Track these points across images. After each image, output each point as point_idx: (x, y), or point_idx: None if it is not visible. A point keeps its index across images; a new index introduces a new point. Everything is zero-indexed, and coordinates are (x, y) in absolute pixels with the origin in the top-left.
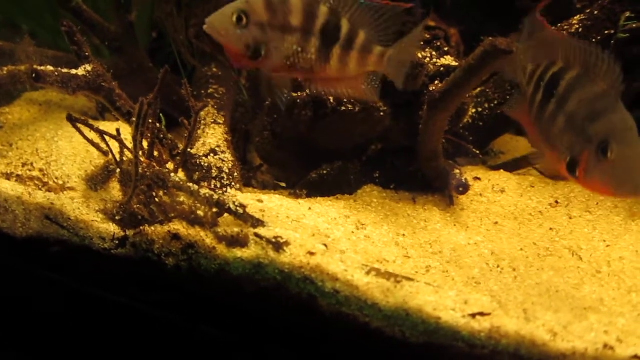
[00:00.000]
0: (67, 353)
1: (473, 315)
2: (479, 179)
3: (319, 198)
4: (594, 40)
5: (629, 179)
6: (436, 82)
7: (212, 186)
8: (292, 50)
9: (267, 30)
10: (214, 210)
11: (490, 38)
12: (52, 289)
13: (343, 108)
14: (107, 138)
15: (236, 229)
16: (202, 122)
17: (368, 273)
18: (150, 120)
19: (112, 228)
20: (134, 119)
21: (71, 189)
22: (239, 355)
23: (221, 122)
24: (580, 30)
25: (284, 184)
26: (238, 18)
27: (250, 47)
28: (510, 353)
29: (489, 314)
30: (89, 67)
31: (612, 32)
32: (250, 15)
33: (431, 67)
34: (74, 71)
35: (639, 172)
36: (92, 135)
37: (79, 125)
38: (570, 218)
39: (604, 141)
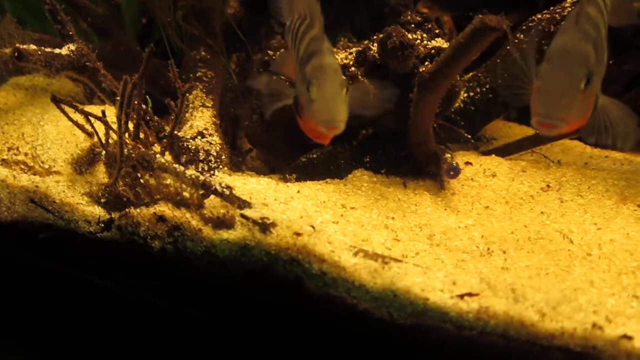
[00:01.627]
0: (52, 337)
1: (461, 296)
2: (470, 163)
3: (308, 182)
4: None
5: (323, 113)
6: (426, 63)
7: (200, 169)
8: None
9: None
10: (200, 191)
11: (480, 15)
12: (38, 273)
13: None
14: (93, 121)
15: (222, 211)
16: (190, 105)
17: (356, 254)
18: (135, 102)
19: (98, 211)
20: (118, 99)
21: (57, 172)
22: (226, 338)
23: (209, 105)
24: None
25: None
26: None
27: None
28: (498, 334)
29: (477, 295)
30: (72, 47)
31: None
32: None
33: (422, 49)
34: (57, 50)
35: (329, 108)
36: (78, 118)
37: (64, 107)
38: (562, 202)
39: (308, 81)
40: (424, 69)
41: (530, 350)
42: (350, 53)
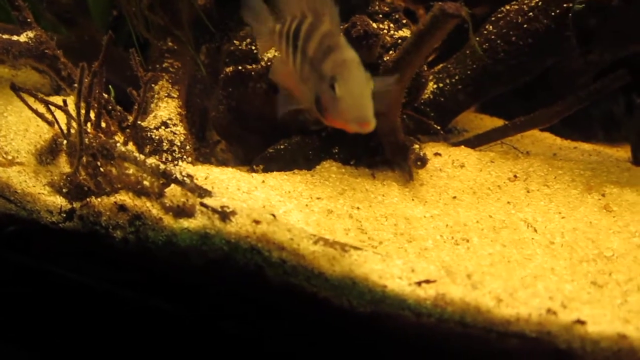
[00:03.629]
0: (16, 331)
1: (419, 283)
2: (439, 154)
3: (274, 172)
4: (552, 14)
5: (352, 111)
6: (390, 52)
7: (163, 159)
8: None
9: None
10: (161, 180)
11: (440, 3)
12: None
13: None
14: (56, 111)
15: (183, 199)
16: (156, 96)
17: (316, 242)
18: (97, 91)
19: (59, 201)
20: (76, 85)
21: (20, 163)
22: (190, 328)
23: (175, 96)
24: (540, 3)
25: None
26: None
27: None
28: (456, 321)
29: (434, 281)
30: (31, 34)
31: (571, 4)
32: None
33: (388, 39)
34: (15, 37)
35: (358, 104)
36: (43, 110)
37: (25, 96)
38: (528, 192)
39: (332, 78)
40: (388, 58)
41: (487, 337)
42: None
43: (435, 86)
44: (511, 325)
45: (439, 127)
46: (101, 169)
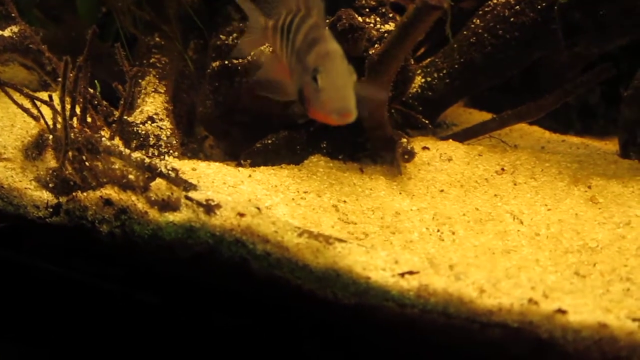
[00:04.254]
0: (4, 327)
1: (402, 274)
2: (427, 148)
3: (261, 167)
4: (539, 7)
5: (334, 102)
6: (376, 45)
7: (150, 154)
8: None
9: None
10: (146, 174)
11: None
12: None
13: None
14: (42, 107)
15: (168, 193)
16: (143, 91)
17: (300, 235)
18: (82, 85)
19: (46, 195)
20: (60, 79)
21: (7, 159)
22: (176, 321)
23: (162, 91)
24: None
25: None
26: None
27: None
28: (439, 311)
29: (417, 273)
30: (15, 29)
31: None
32: None
33: (374, 32)
34: None
35: (340, 95)
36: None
37: (10, 91)
38: (515, 184)
39: (314, 70)
40: (373, 51)
41: (471, 327)
42: None
43: (423, 80)
44: (494, 316)
45: (427, 122)
46: (87, 164)
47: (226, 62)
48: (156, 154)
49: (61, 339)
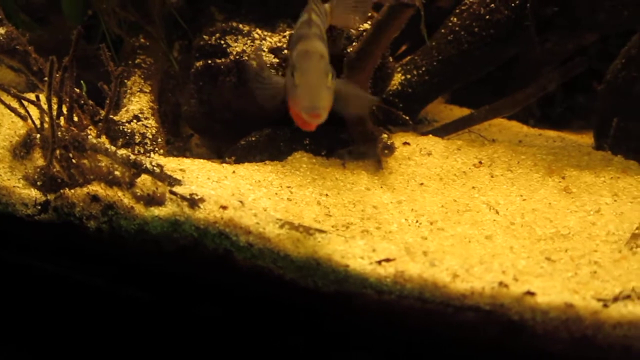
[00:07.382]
0: None
1: (379, 262)
2: (408, 143)
3: (245, 163)
4: (513, 5)
5: (304, 99)
6: (354, 44)
7: (136, 152)
8: None
9: None
10: (132, 171)
11: None
12: None
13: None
14: (30, 107)
15: (153, 188)
16: (128, 91)
17: (282, 226)
18: (68, 85)
19: (34, 193)
20: (46, 79)
21: None
22: (164, 315)
23: (147, 90)
24: None
25: None
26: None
27: None
28: (415, 297)
29: (393, 260)
30: (1, 30)
31: None
32: None
33: (353, 31)
34: None
35: (311, 93)
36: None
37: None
38: (492, 177)
39: (293, 66)
40: (351, 49)
41: (445, 311)
42: (284, 36)
43: (403, 77)
44: (466, 299)
45: (407, 118)
46: (74, 161)
47: (209, 62)
48: (142, 151)
49: (50, 335)
